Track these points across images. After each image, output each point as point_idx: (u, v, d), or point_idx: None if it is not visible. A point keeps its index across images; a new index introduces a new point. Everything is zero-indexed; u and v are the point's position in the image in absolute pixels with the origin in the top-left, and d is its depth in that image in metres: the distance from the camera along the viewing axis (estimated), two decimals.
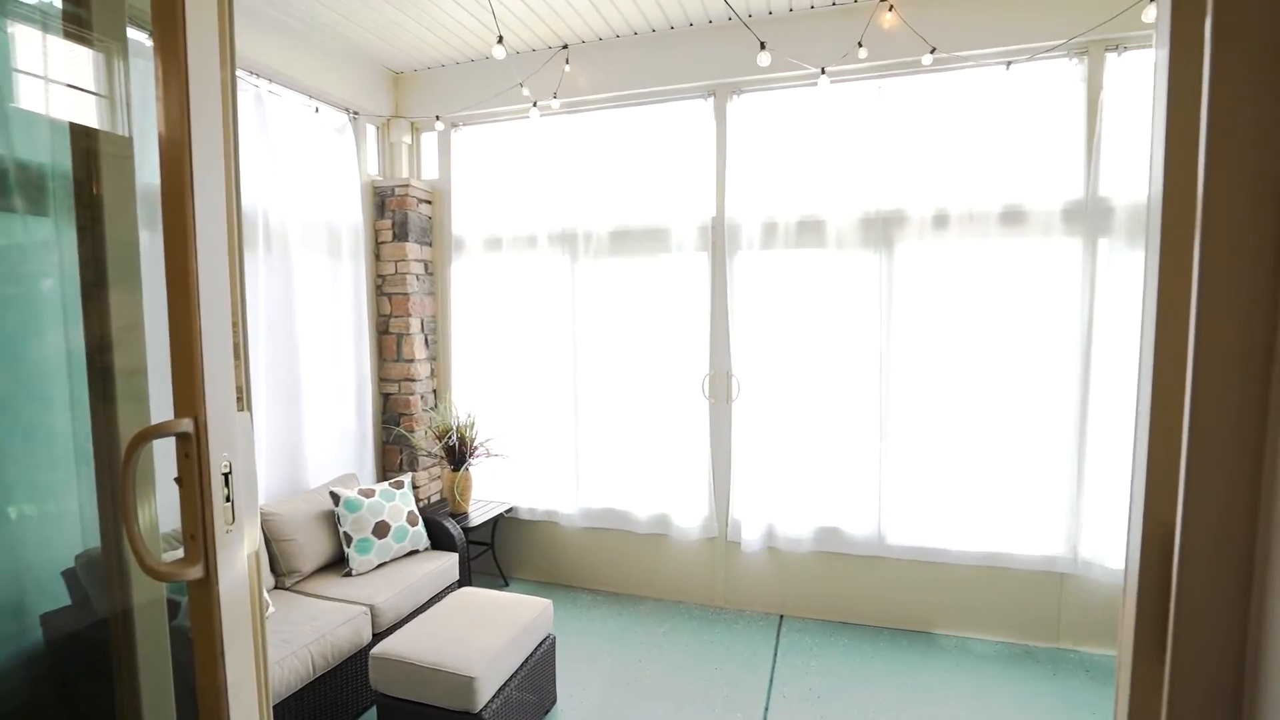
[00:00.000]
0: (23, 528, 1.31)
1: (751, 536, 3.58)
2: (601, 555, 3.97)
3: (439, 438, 3.84)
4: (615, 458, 3.87)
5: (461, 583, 3.45)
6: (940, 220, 3.23)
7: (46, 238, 1.26)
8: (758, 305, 3.55)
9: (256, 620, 0.91)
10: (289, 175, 3.36)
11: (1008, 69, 3.08)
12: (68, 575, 1.37)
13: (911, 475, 3.37)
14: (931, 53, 3.06)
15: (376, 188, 4.00)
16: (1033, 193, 3.11)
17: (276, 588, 2.97)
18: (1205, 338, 0.47)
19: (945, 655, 3.18)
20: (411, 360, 4.01)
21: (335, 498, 3.18)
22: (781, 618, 3.59)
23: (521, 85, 3.69)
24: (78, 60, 1.26)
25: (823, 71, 3.22)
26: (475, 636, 2.42)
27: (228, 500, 0.89)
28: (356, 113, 3.82)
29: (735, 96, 3.52)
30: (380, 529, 3.19)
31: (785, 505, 3.55)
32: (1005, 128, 3.12)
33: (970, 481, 3.28)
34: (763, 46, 3.06)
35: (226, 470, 0.91)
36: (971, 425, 3.26)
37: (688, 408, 3.70)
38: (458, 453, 3.80)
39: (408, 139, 4.14)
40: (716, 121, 3.56)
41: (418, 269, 4.06)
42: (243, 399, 1.09)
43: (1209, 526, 0.48)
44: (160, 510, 1.18)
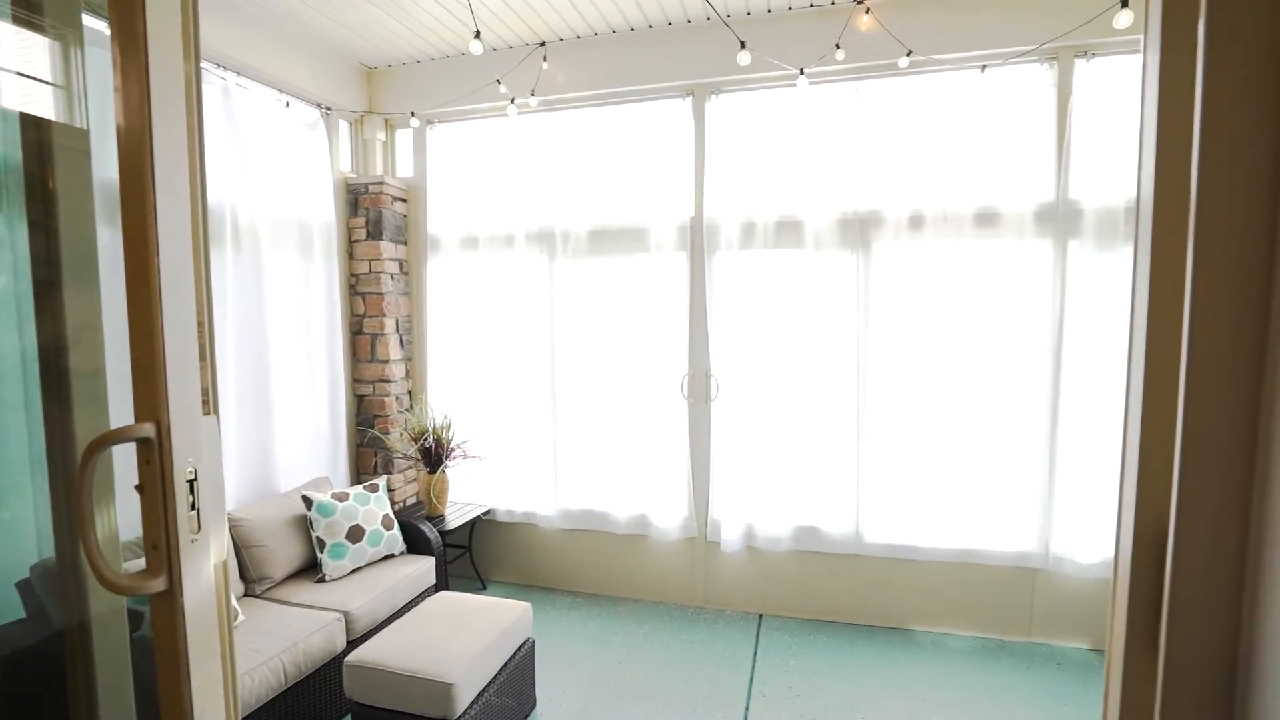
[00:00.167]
0: None
1: (731, 536, 3.59)
2: (580, 557, 3.94)
3: (415, 439, 3.78)
4: (594, 458, 3.85)
5: (438, 587, 3.39)
6: (916, 221, 3.27)
7: None
8: (736, 305, 3.55)
9: (224, 633, 0.87)
10: (259, 171, 3.28)
11: (982, 72, 3.13)
12: (22, 587, 1.31)
13: (888, 474, 3.40)
14: (908, 55, 3.09)
15: (350, 185, 3.92)
16: (1005, 195, 3.16)
17: (246, 595, 2.89)
18: (1199, 336, 0.47)
19: (922, 651, 3.21)
20: (386, 361, 3.94)
21: (308, 502, 3.11)
22: (761, 617, 3.61)
23: (499, 82, 3.65)
24: (30, 48, 1.20)
25: (801, 72, 3.24)
26: (453, 641, 2.38)
27: (193, 508, 0.85)
28: (329, 108, 3.74)
29: (714, 96, 3.52)
30: (354, 533, 3.12)
31: (764, 505, 3.56)
32: (979, 131, 3.17)
33: (945, 479, 3.32)
34: (743, 46, 3.06)
35: (191, 477, 0.88)
36: (946, 424, 3.30)
37: (667, 408, 3.69)
38: (434, 455, 3.75)
39: (382, 135, 4.07)
40: (695, 121, 3.56)
41: (392, 268, 3.99)
42: (209, 402, 1.05)
43: (1203, 524, 0.48)
44: (122, 518, 1.13)
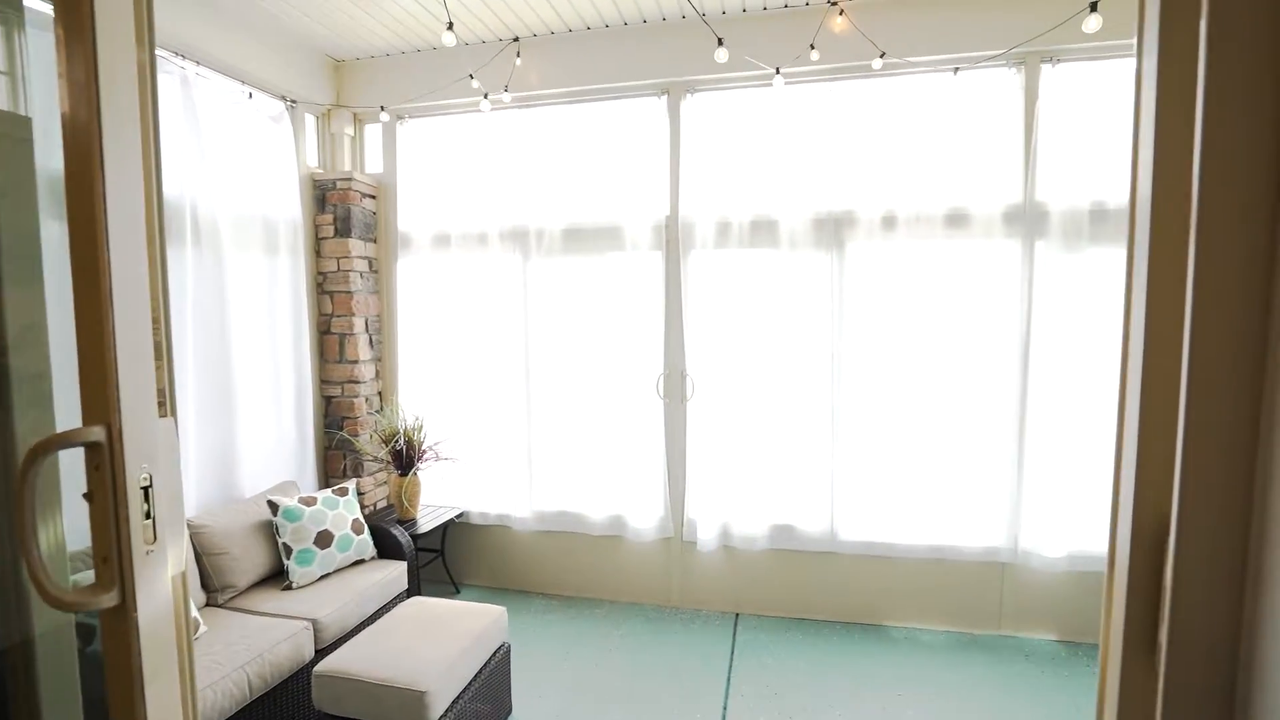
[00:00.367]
0: None
1: (707, 536, 3.59)
2: (556, 559, 3.90)
3: (385, 442, 3.70)
4: (569, 459, 3.81)
5: (411, 592, 3.32)
6: (889, 221, 3.30)
7: None
8: (712, 304, 3.55)
9: (183, 649, 0.82)
10: (220, 165, 3.17)
11: (955, 74, 3.18)
12: None
13: (862, 472, 3.43)
14: (881, 57, 3.12)
15: (316, 181, 3.82)
16: (975, 196, 3.21)
17: (208, 605, 2.79)
18: (1201, 334, 0.47)
19: (895, 646, 3.25)
20: (355, 361, 3.85)
21: (273, 507, 3.01)
22: (737, 616, 3.61)
23: (471, 77, 3.59)
24: None
25: (777, 71, 3.25)
26: (426, 648, 2.32)
27: (147, 517, 0.80)
28: (294, 101, 3.63)
29: (689, 95, 3.51)
30: (323, 539, 3.04)
31: (740, 504, 3.57)
32: (950, 133, 3.22)
33: (917, 477, 3.37)
34: (720, 43, 3.06)
35: (146, 483, 0.83)
36: (918, 422, 3.35)
37: (642, 407, 3.67)
38: (405, 457, 3.67)
39: (350, 130, 3.97)
40: (670, 120, 3.55)
41: (361, 266, 3.89)
42: (165, 403, 0.99)
43: (1205, 522, 0.48)
44: (73, 528, 1.07)
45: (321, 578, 3.02)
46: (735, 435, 3.55)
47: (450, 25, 3.01)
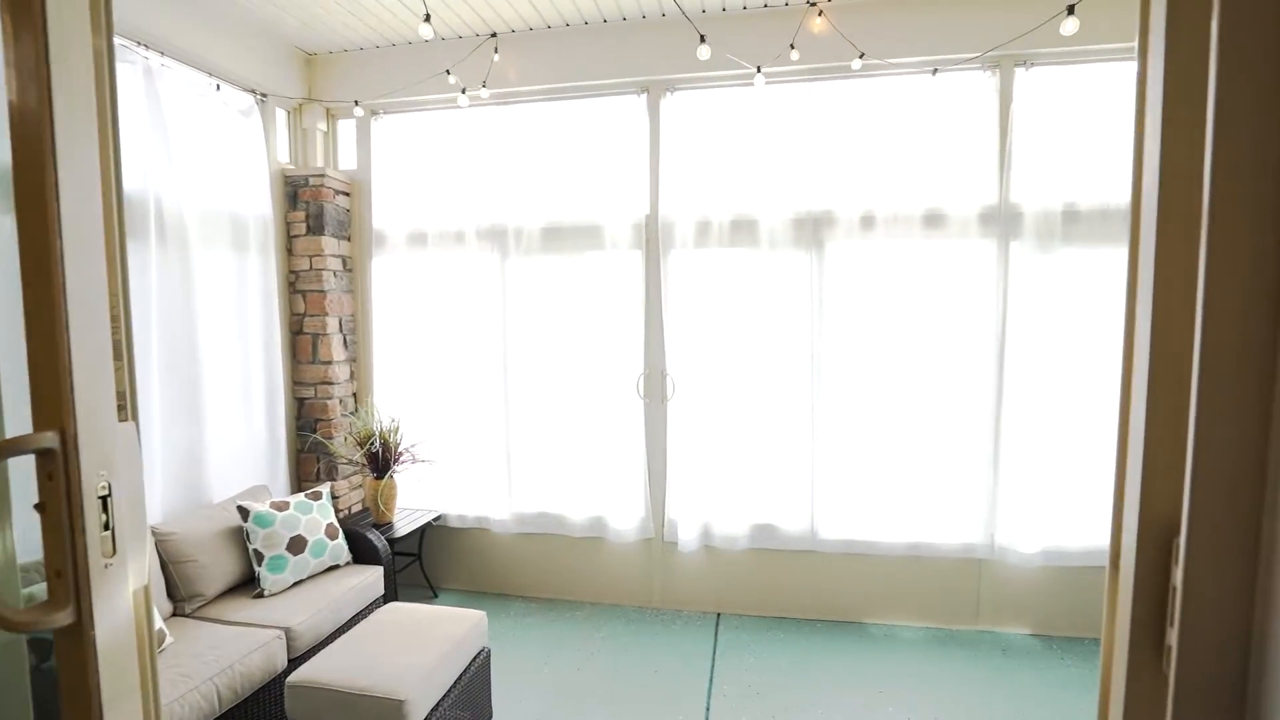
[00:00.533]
0: None
1: (688, 536, 3.57)
2: (536, 561, 3.86)
3: (360, 444, 3.62)
4: (549, 460, 3.77)
5: (387, 597, 3.25)
6: (868, 221, 3.32)
7: None
8: (692, 304, 3.54)
9: (146, 667, 0.78)
10: (187, 159, 3.06)
11: (934, 75, 3.20)
12: None
13: (842, 470, 3.45)
14: (860, 58, 3.14)
15: (288, 177, 3.72)
16: (952, 197, 3.25)
17: (175, 615, 2.69)
18: (1212, 333, 0.46)
19: (875, 644, 3.27)
20: (329, 362, 3.76)
21: (244, 512, 2.92)
22: (719, 616, 3.61)
23: (448, 73, 3.52)
24: None
25: (758, 70, 3.24)
26: (403, 655, 2.27)
27: (106, 528, 0.75)
28: (264, 95, 3.53)
29: (669, 94, 3.50)
30: (296, 544, 2.95)
31: (721, 503, 3.56)
32: (928, 135, 3.25)
33: (896, 474, 3.40)
34: (702, 40, 3.05)
35: (104, 492, 0.78)
36: (897, 420, 3.38)
37: (622, 408, 3.65)
38: (381, 459, 3.59)
39: (323, 125, 3.88)
40: (650, 118, 3.53)
41: (335, 265, 3.80)
42: (126, 407, 0.94)
43: (1217, 523, 0.48)
44: (22, 540, 1.01)
45: (294, 585, 2.94)
46: (716, 435, 3.55)
47: (427, 17, 2.95)
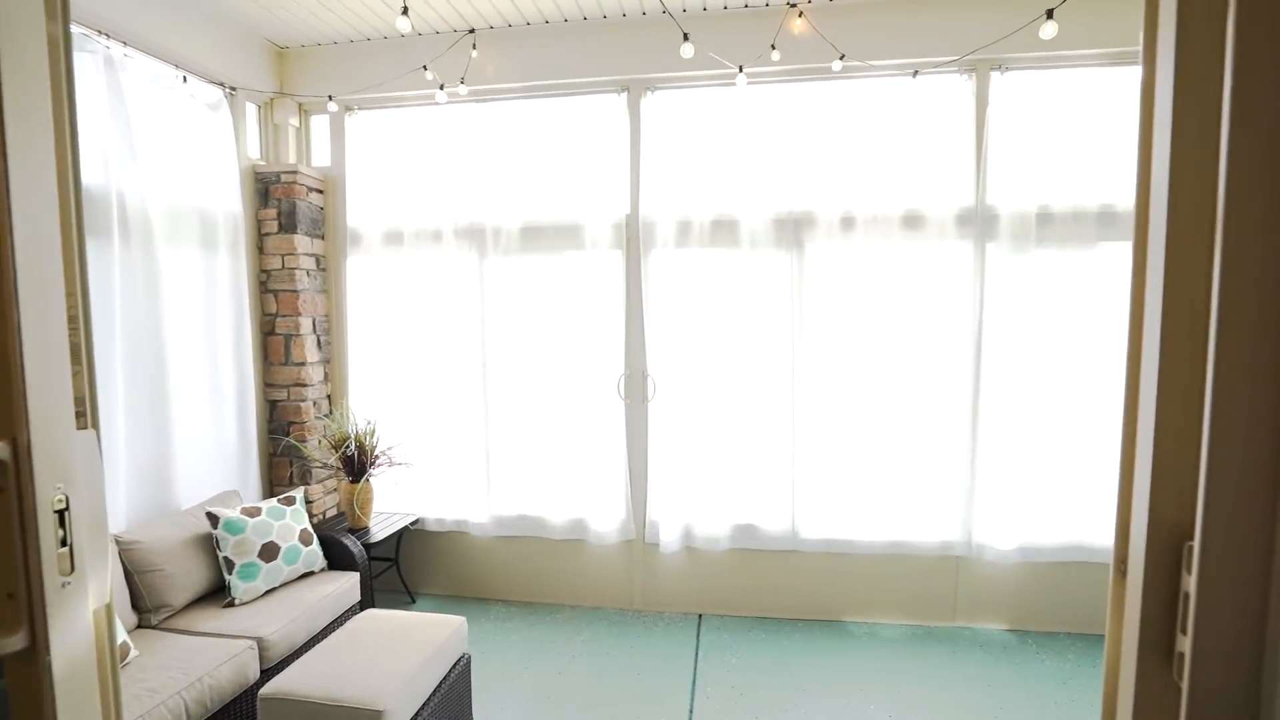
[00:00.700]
0: None
1: (669, 537, 3.56)
2: (516, 564, 3.81)
3: (335, 447, 3.53)
4: (529, 462, 3.73)
5: (364, 604, 3.18)
6: (847, 222, 3.34)
7: None
8: (673, 304, 3.53)
9: (108, 690, 0.73)
10: (152, 153, 2.96)
11: (914, 77, 3.23)
12: None
13: (823, 470, 3.46)
14: (841, 59, 3.15)
15: (259, 173, 3.62)
16: (930, 198, 3.28)
17: (140, 627, 2.60)
18: (1227, 335, 0.46)
19: (856, 642, 3.29)
20: (302, 364, 3.66)
21: (213, 519, 2.83)
22: (701, 617, 3.60)
23: (425, 69, 3.46)
24: None
25: (740, 69, 3.24)
26: (381, 663, 2.21)
27: (64, 544, 0.71)
28: (233, 88, 3.43)
29: (649, 93, 3.48)
30: (268, 551, 2.87)
31: (702, 504, 3.55)
32: (906, 137, 3.28)
33: (876, 473, 3.42)
34: (686, 38, 3.03)
35: (61, 505, 0.73)
36: (877, 419, 3.40)
37: (603, 409, 3.62)
38: (357, 463, 3.51)
39: (295, 121, 3.78)
40: (630, 117, 3.50)
41: (308, 264, 3.71)
42: (86, 414, 0.89)
43: (1231, 528, 0.47)
44: None
45: (267, 593, 2.85)
46: (697, 435, 3.54)
47: (405, 10, 2.89)
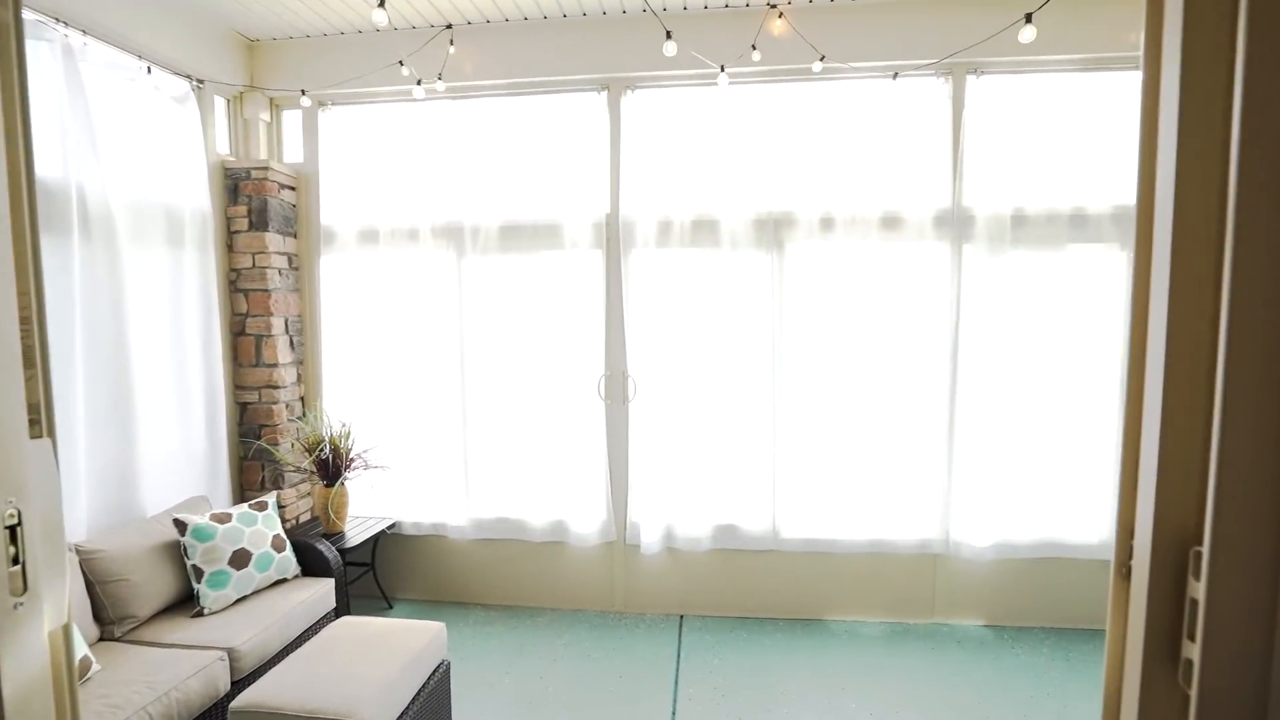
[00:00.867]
0: None
1: (650, 539, 3.54)
2: (495, 568, 3.76)
3: (309, 450, 3.45)
4: (508, 464, 3.68)
5: (339, 611, 3.11)
6: (827, 223, 3.36)
7: None
8: (653, 304, 3.51)
9: (65, 718, 0.69)
10: (114, 147, 2.85)
11: (895, 79, 3.25)
12: None
13: (803, 470, 3.48)
14: (821, 60, 3.16)
15: (228, 169, 3.51)
16: (908, 200, 3.31)
17: (103, 639, 2.50)
18: (1236, 339, 0.45)
19: (837, 640, 3.31)
20: (274, 365, 3.57)
21: (180, 525, 2.74)
22: (682, 618, 3.59)
23: (401, 64, 3.39)
24: None
25: (722, 69, 3.23)
26: (358, 672, 2.16)
27: (15, 562, 0.66)
28: (201, 81, 3.33)
29: (630, 92, 3.45)
30: (239, 558, 2.79)
31: (683, 505, 3.54)
32: (886, 139, 3.30)
33: (855, 473, 3.44)
34: (669, 35, 3.02)
35: (13, 521, 0.68)
36: (856, 419, 3.42)
37: (583, 409, 3.59)
38: (331, 466, 3.43)
39: (266, 116, 3.68)
40: (610, 116, 3.48)
41: (280, 263, 3.62)
42: (40, 421, 0.84)
43: (1241, 534, 0.46)
44: None
45: (238, 601, 2.77)
46: (678, 436, 3.52)
47: (381, 2, 2.83)
